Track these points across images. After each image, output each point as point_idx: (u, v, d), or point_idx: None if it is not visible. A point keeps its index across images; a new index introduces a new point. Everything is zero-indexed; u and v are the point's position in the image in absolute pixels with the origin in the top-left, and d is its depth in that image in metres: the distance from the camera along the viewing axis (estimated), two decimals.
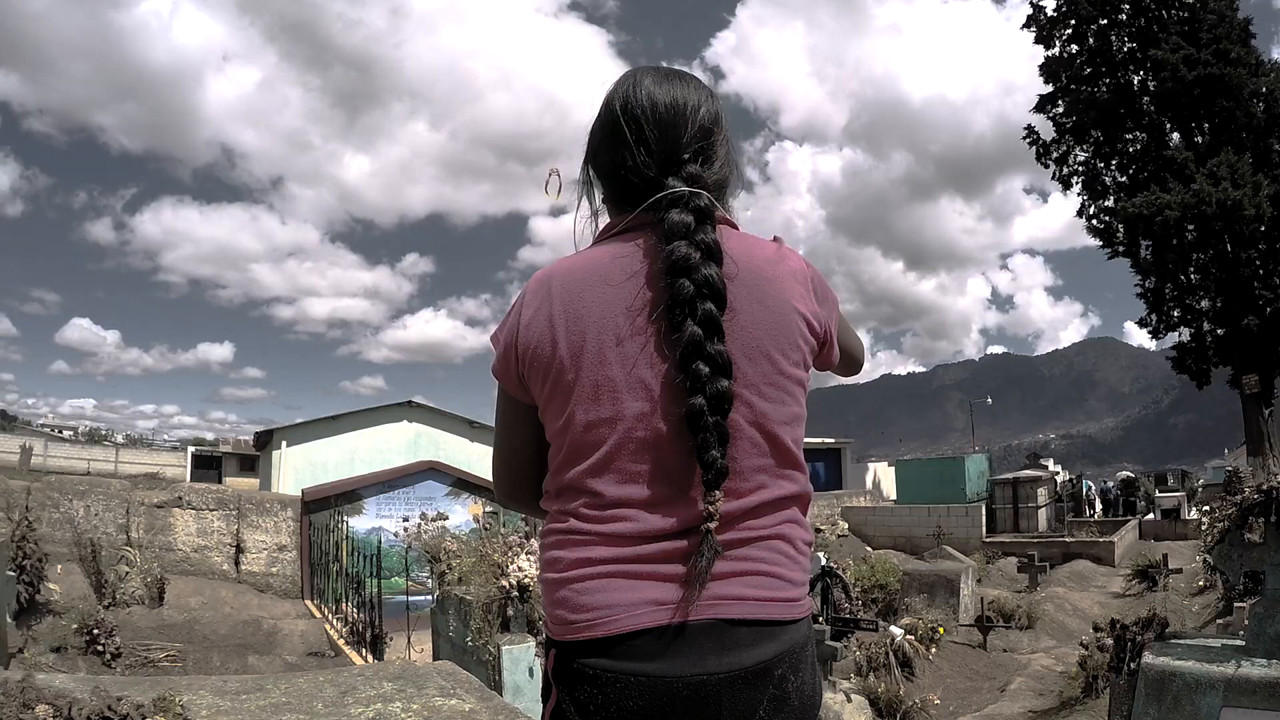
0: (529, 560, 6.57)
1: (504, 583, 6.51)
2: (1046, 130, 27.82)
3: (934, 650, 9.70)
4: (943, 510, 22.45)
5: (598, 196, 1.57)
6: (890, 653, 9.10)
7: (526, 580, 6.45)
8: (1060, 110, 27.23)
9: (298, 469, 19.96)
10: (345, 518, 13.53)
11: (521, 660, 6.08)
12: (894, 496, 29.27)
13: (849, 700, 7.91)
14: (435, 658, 7.54)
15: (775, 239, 1.52)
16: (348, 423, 21.30)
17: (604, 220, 1.54)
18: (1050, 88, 27.37)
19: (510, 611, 6.46)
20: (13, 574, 8.50)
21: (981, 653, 10.16)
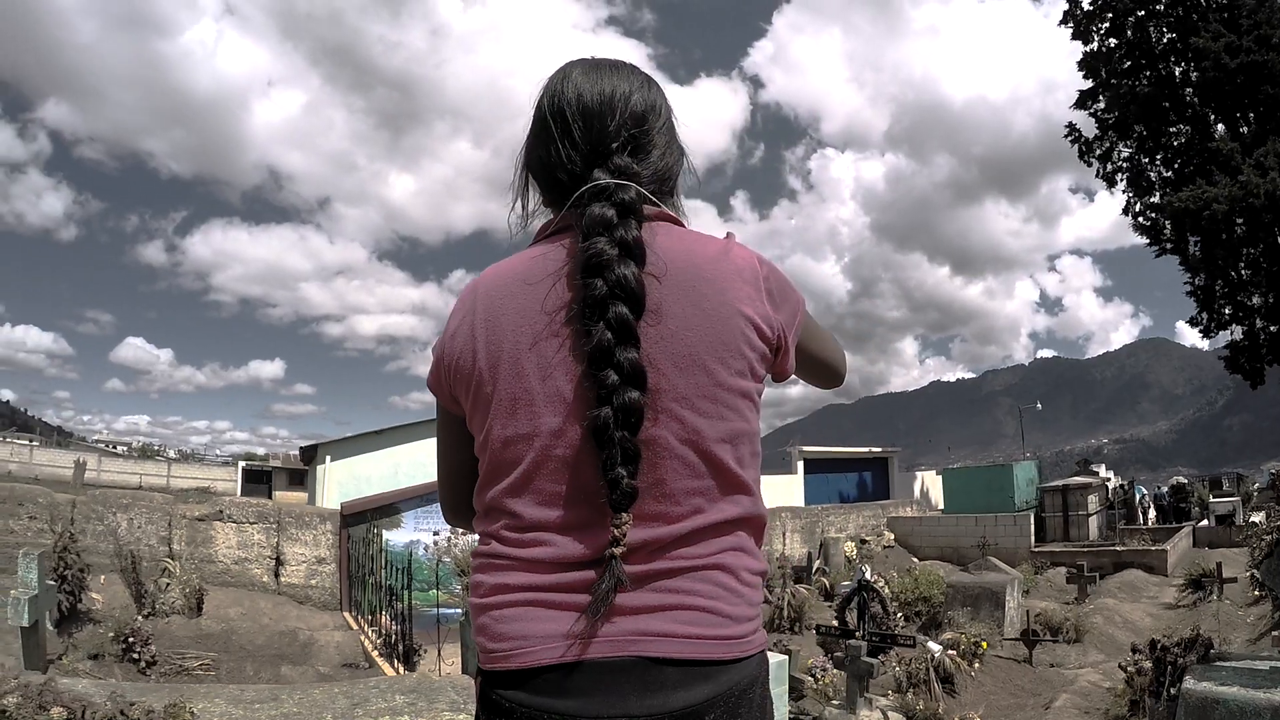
0: None
1: None
2: (1088, 127, 27.17)
3: (977, 665, 9.39)
4: (990, 519, 21.85)
5: (534, 198, 1.48)
6: (931, 668, 8.83)
7: None
8: (1101, 106, 26.59)
9: (341, 483, 19.97)
10: (382, 531, 13.50)
11: None
12: (943, 506, 28.74)
13: (885, 718, 7.66)
14: (464, 670, 7.48)
15: (728, 235, 1.40)
16: (391, 437, 21.36)
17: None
18: (1090, 83, 26.74)
19: None
20: (53, 583, 8.61)
21: (1027, 668, 9.79)
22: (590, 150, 1.35)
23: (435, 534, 13.99)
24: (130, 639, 9.00)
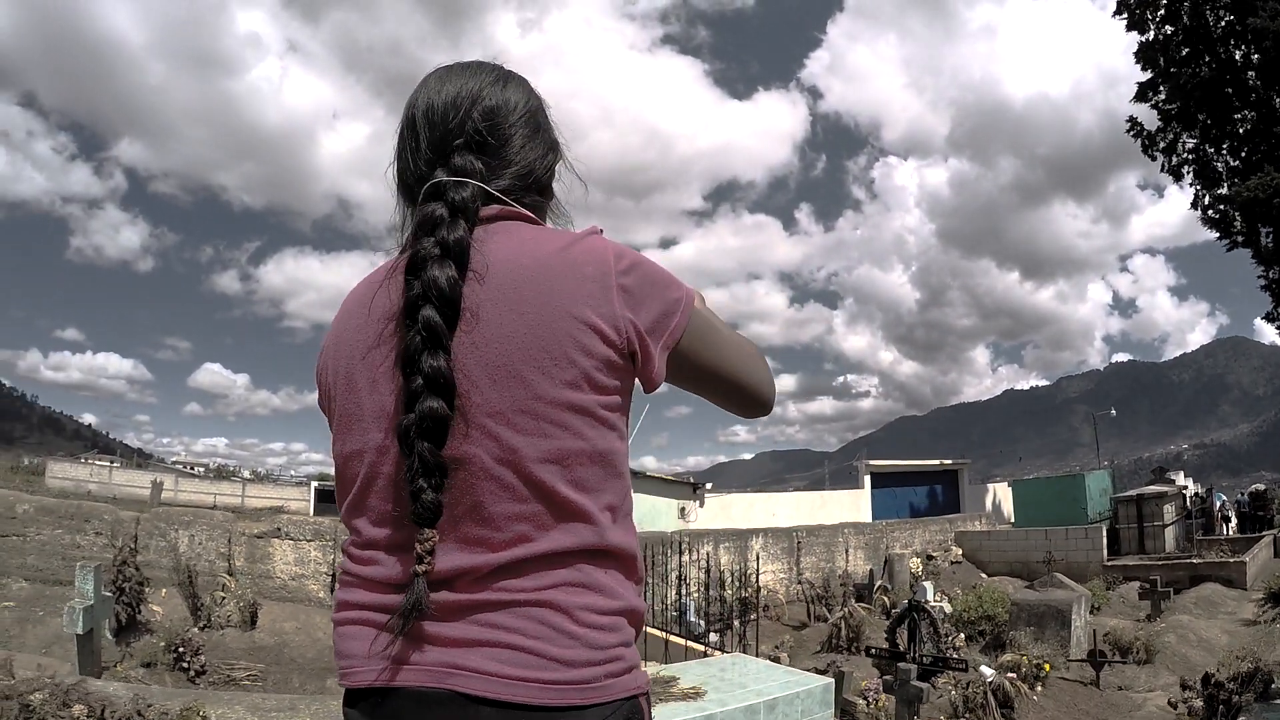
0: None
1: None
2: (1150, 120, 26.04)
3: (1039, 689, 8.84)
4: (1061, 533, 20.89)
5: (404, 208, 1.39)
6: (989, 693, 8.32)
7: None
8: (1162, 97, 25.48)
9: None
10: None
11: None
12: (1013, 519, 27.77)
13: None
14: None
15: (592, 229, 1.28)
16: None
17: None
18: (1149, 74, 25.68)
19: None
20: (110, 595, 8.98)
21: (1093, 691, 9.16)
22: (433, 153, 1.29)
23: None
24: (180, 649, 9.38)
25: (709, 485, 23.61)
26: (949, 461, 34.68)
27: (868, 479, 30.49)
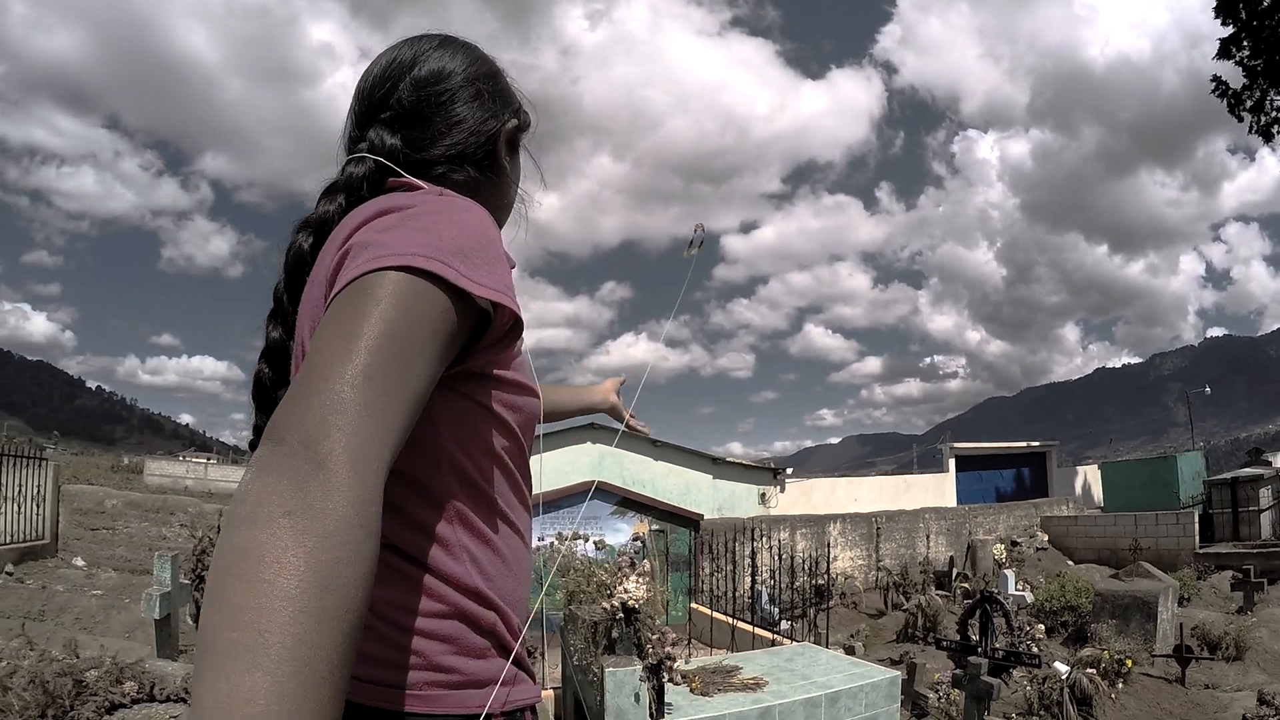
0: (637, 583, 6.07)
1: (605, 604, 6.01)
2: (1235, 77, 24.54)
3: (1120, 686, 8.37)
4: (1150, 518, 19.77)
5: None
6: (1065, 690, 7.90)
7: (632, 602, 5.96)
8: (1246, 52, 23.94)
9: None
10: None
11: (626, 684, 5.54)
12: (1102, 503, 26.66)
13: None
14: (563, 675, 7.24)
15: (436, 190, 1.08)
16: (536, 445, 21.44)
17: None
18: (1230, 29, 24.17)
19: (615, 633, 5.95)
20: (188, 582, 9.05)
21: (1178, 689, 8.60)
22: (357, 128, 1.22)
23: (539, 539, 13.79)
24: None
25: (790, 470, 23.18)
26: (1036, 443, 33.28)
27: (952, 462, 29.61)
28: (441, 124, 1.19)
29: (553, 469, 19.07)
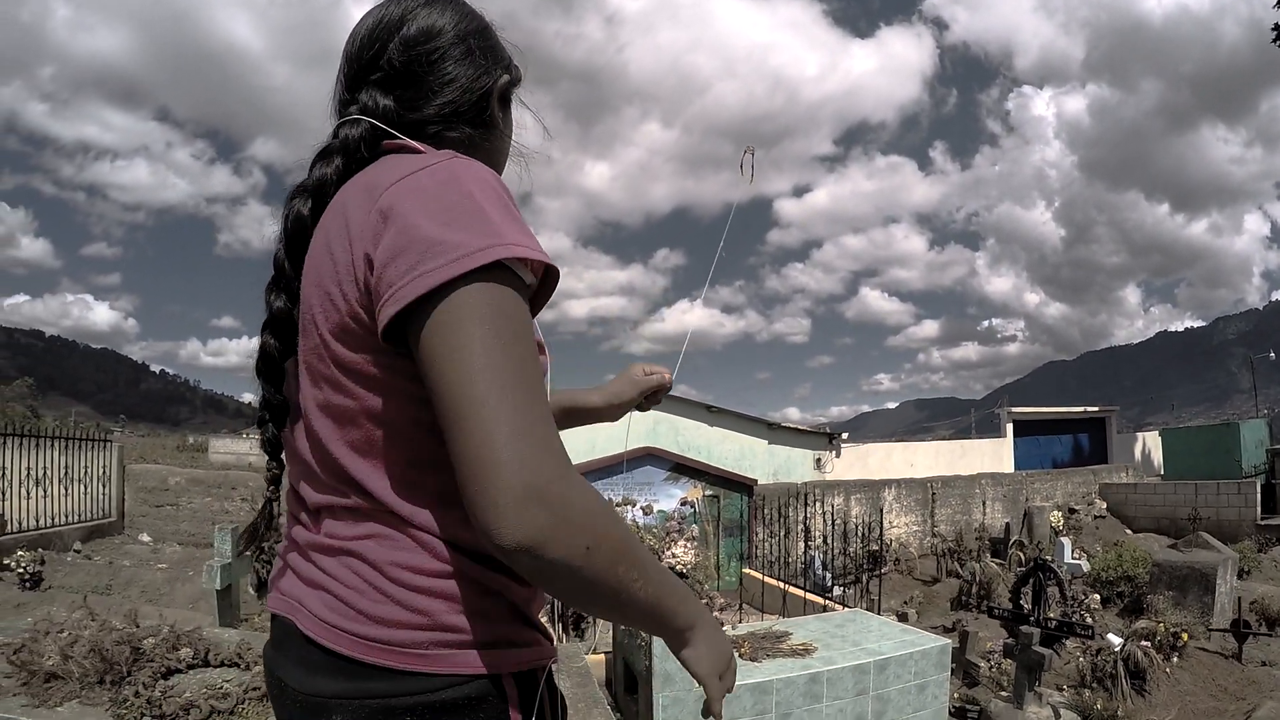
0: (685, 547, 6.09)
1: None
2: None
3: (1176, 659, 8.20)
4: (1211, 487, 19.08)
5: None
6: (1120, 662, 7.77)
7: (680, 567, 5.98)
8: None
9: None
10: None
11: None
12: (1163, 471, 25.99)
13: (1056, 716, 6.78)
14: (613, 640, 7.33)
15: (449, 154, 1.04)
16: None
17: None
18: None
19: None
20: (249, 554, 9.26)
21: (1234, 665, 8.38)
22: (347, 90, 1.20)
23: None
24: None
25: (845, 435, 23.01)
26: (1095, 409, 32.40)
27: (1010, 427, 29.08)
28: (434, 83, 1.17)
29: (606, 436, 19.20)
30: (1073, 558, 13.31)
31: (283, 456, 1.18)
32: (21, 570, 9.58)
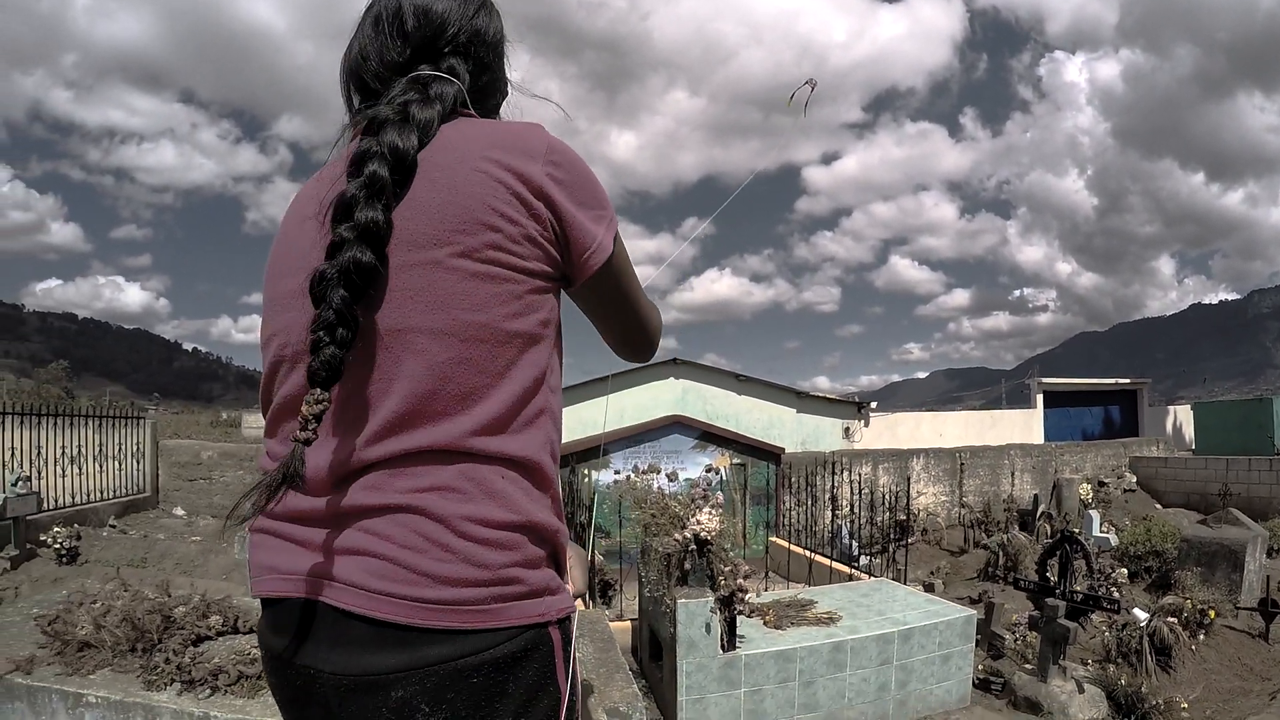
0: (710, 514, 6.09)
1: (678, 536, 6.05)
2: None
3: (1202, 637, 8.13)
4: (1243, 463, 18.69)
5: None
6: (1146, 637, 7.72)
7: (705, 534, 5.99)
8: None
9: (570, 428, 19.96)
10: (590, 471, 13.50)
11: (698, 615, 5.65)
12: (1194, 445, 25.60)
13: (1080, 690, 6.75)
14: (639, 608, 7.37)
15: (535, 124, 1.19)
16: (618, 383, 21.44)
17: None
18: None
19: (688, 565, 6.01)
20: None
21: (1261, 644, 8.28)
22: (414, 52, 1.23)
23: (616, 473, 13.85)
24: None
25: (874, 404, 22.89)
26: (1127, 381, 31.92)
27: (1040, 398, 28.75)
28: (489, 76, 1.32)
29: (635, 404, 19.26)
30: (1101, 531, 13.21)
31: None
32: (58, 546, 9.75)
